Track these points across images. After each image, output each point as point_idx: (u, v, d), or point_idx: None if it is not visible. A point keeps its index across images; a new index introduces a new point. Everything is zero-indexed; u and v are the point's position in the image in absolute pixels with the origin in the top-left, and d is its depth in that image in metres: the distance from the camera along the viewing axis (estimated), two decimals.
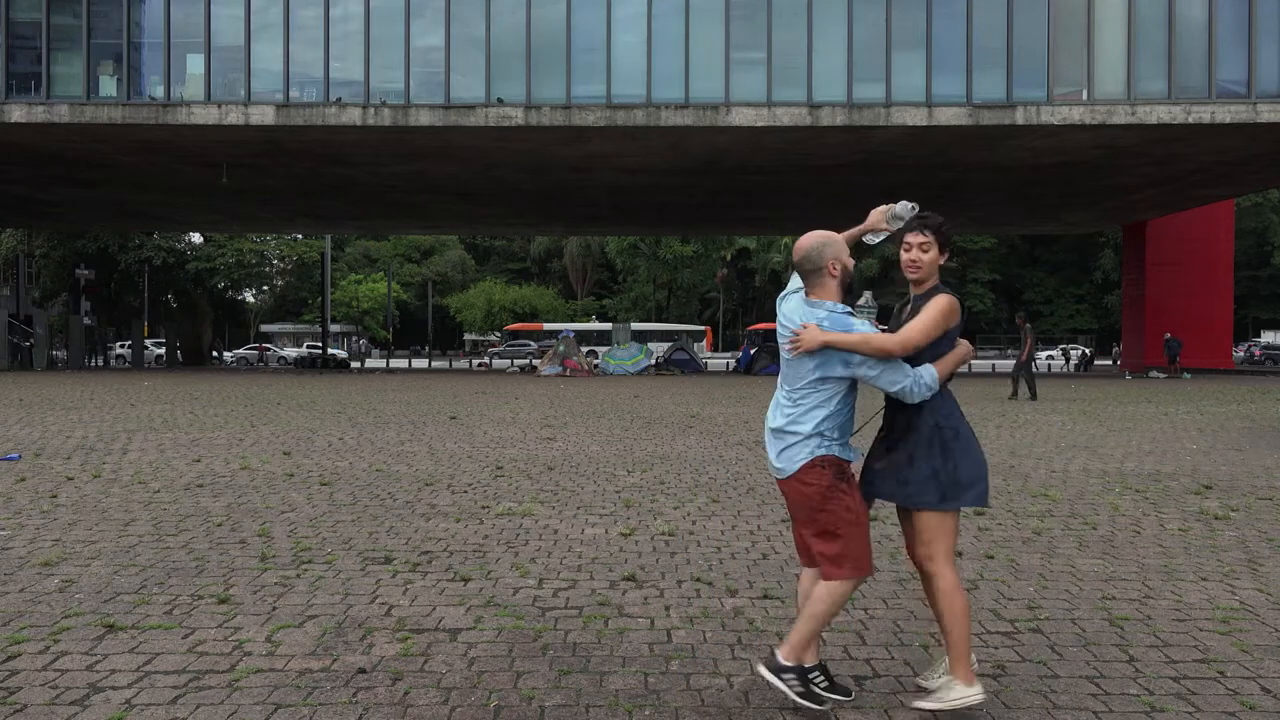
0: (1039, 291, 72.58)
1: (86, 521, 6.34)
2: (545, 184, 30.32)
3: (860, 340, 3.10)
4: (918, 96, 23.57)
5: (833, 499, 3.16)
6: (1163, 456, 10.21)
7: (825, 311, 3.19)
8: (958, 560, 5.30)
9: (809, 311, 3.22)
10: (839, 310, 3.20)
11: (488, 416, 14.98)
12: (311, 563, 5.24)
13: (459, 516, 6.60)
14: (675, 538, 5.93)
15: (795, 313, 3.26)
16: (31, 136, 24.81)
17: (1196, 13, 23.52)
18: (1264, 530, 6.28)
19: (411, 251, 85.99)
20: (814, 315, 3.19)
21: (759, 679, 3.37)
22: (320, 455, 9.92)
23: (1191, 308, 37.39)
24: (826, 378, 3.17)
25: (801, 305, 3.27)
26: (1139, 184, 29.96)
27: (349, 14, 24.48)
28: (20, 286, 39.39)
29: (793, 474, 3.20)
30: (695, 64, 23.97)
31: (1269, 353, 50.33)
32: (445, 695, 3.36)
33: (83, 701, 3.28)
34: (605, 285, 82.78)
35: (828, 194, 31.87)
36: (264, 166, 28.07)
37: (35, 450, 10.13)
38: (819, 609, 3.19)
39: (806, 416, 3.18)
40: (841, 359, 3.14)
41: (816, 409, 3.19)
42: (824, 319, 3.17)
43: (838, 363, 3.15)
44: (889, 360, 3.13)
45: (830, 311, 3.19)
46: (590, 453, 10.29)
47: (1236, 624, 4.23)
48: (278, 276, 69.67)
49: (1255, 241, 66.26)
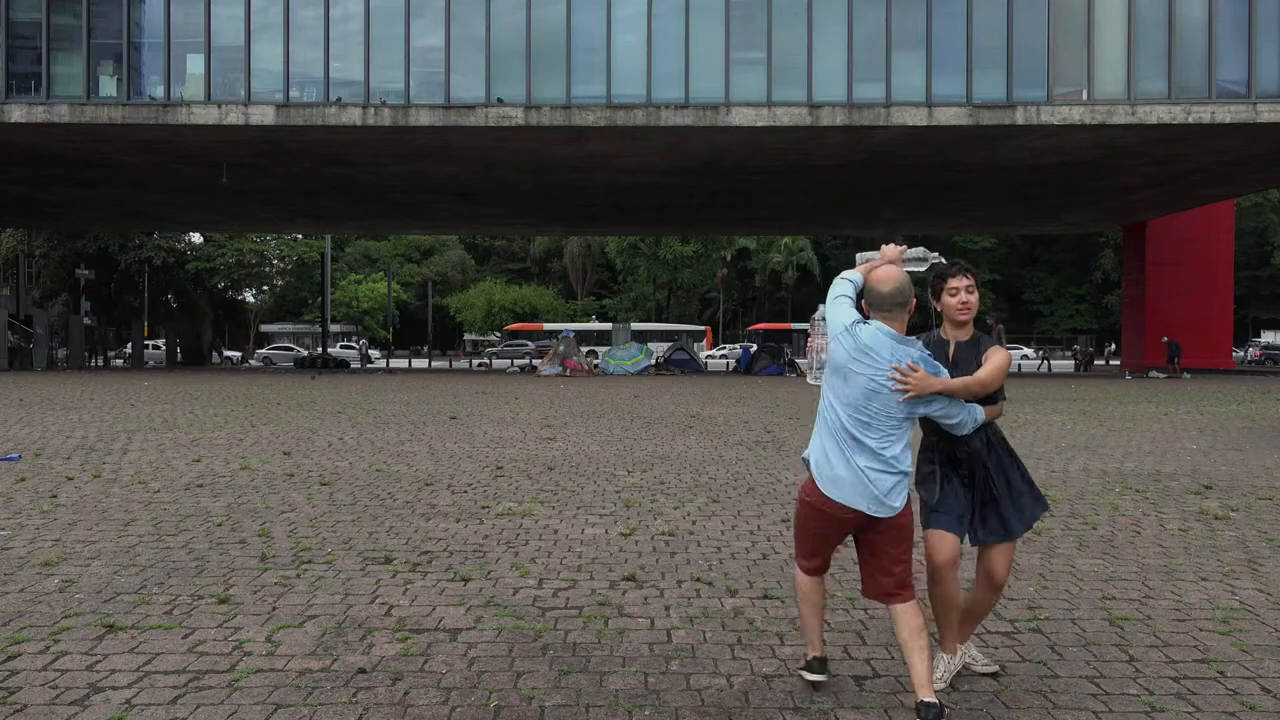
0: (1039, 291, 72.53)
1: (86, 521, 6.34)
2: (545, 184, 30.32)
3: (962, 386, 3.23)
4: (918, 96, 23.57)
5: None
6: (1163, 456, 10.21)
7: (919, 352, 3.20)
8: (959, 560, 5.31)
9: (901, 350, 3.15)
10: (927, 352, 3.25)
11: (488, 416, 14.98)
12: (311, 563, 5.24)
13: (459, 516, 6.60)
14: (675, 538, 5.93)
15: (883, 349, 3.14)
16: (31, 136, 24.81)
17: (1196, 13, 23.51)
18: (1264, 530, 6.28)
19: (411, 251, 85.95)
20: (910, 355, 3.16)
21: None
22: (320, 455, 9.92)
23: (1191, 308, 37.38)
24: (913, 415, 3.22)
25: (890, 342, 3.16)
26: (1139, 184, 29.97)
27: (349, 14, 24.48)
28: (20, 286, 39.40)
29: (902, 509, 3.19)
30: (695, 64, 23.97)
31: (1269, 353, 50.34)
32: (445, 695, 3.36)
33: (83, 701, 3.28)
34: (605, 285, 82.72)
35: (828, 194, 31.88)
36: (264, 166, 28.07)
37: (35, 450, 10.13)
38: (925, 639, 3.13)
39: (905, 453, 3.19)
40: (929, 398, 3.21)
41: (906, 444, 3.22)
42: (919, 359, 3.18)
43: (923, 402, 3.21)
44: (960, 401, 3.30)
45: (922, 352, 3.21)
46: (590, 453, 10.29)
47: (1236, 624, 4.23)
48: (278, 276, 69.65)
49: (1255, 241, 66.22)
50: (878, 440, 3.14)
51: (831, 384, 3.23)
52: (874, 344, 3.14)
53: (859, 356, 3.15)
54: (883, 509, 3.14)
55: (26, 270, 42.34)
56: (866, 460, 3.14)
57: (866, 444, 3.14)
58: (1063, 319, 71.54)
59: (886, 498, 3.14)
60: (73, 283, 44.94)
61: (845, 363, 3.17)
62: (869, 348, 3.14)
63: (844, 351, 3.18)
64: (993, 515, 3.47)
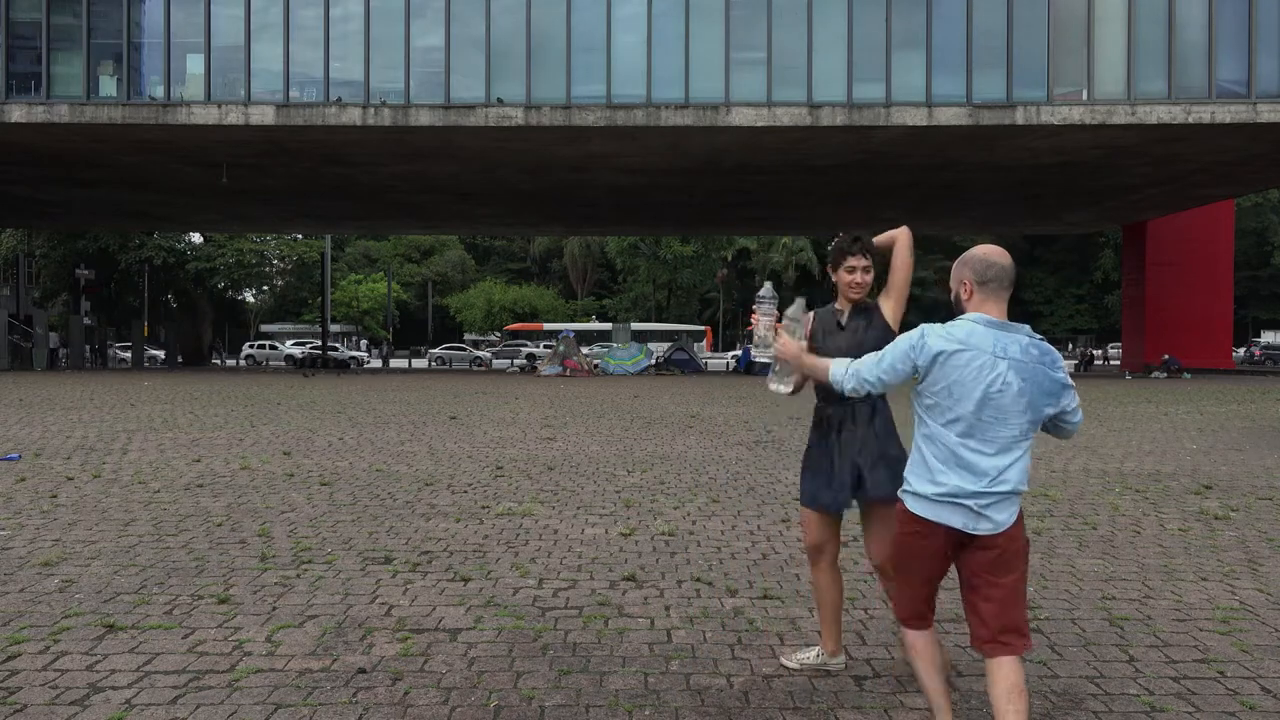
0: (1039, 291, 72.51)
1: (86, 521, 6.34)
2: (545, 184, 30.32)
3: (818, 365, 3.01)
4: (918, 96, 23.56)
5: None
6: (1163, 456, 10.21)
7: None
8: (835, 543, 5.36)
9: (1037, 341, 2.68)
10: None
11: (488, 416, 14.98)
12: (311, 563, 5.24)
13: (459, 516, 6.60)
14: (675, 538, 5.93)
15: (1027, 351, 2.64)
16: (31, 136, 24.80)
17: (1196, 13, 23.50)
18: (1264, 530, 6.28)
19: (411, 251, 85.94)
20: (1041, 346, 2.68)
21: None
22: (320, 455, 9.92)
23: (1191, 308, 37.37)
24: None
25: (1029, 341, 2.66)
26: (1139, 184, 29.96)
27: (349, 14, 24.48)
28: (20, 286, 39.39)
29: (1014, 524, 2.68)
30: (695, 64, 23.96)
31: (1269, 353, 50.34)
32: (445, 695, 3.36)
33: (83, 701, 3.28)
34: (605, 285, 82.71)
35: (828, 194, 31.87)
36: (264, 166, 28.07)
37: (35, 450, 10.13)
38: (1026, 699, 2.60)
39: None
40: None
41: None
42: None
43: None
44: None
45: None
46: (590, 453, 10.29)
47: (1236, 624, 4.23)
48: (278, 276, 69.66)
49: (1255, 241, 66.23)
50: (1019, 452, 2.69)
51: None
52: (1019, 353, 2.64)
53: (1039, 372, 2.65)
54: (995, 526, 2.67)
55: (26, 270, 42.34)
56: (998, 484, 2.67)
57: (1014, 457, 2.69)
58: (1063, 319, 71.53)
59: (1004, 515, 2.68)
60: (73, 283, 44.93)
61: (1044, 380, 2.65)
62: (1020, 362, 2.63)
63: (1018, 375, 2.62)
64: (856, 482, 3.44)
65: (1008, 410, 2.60)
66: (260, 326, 75.14)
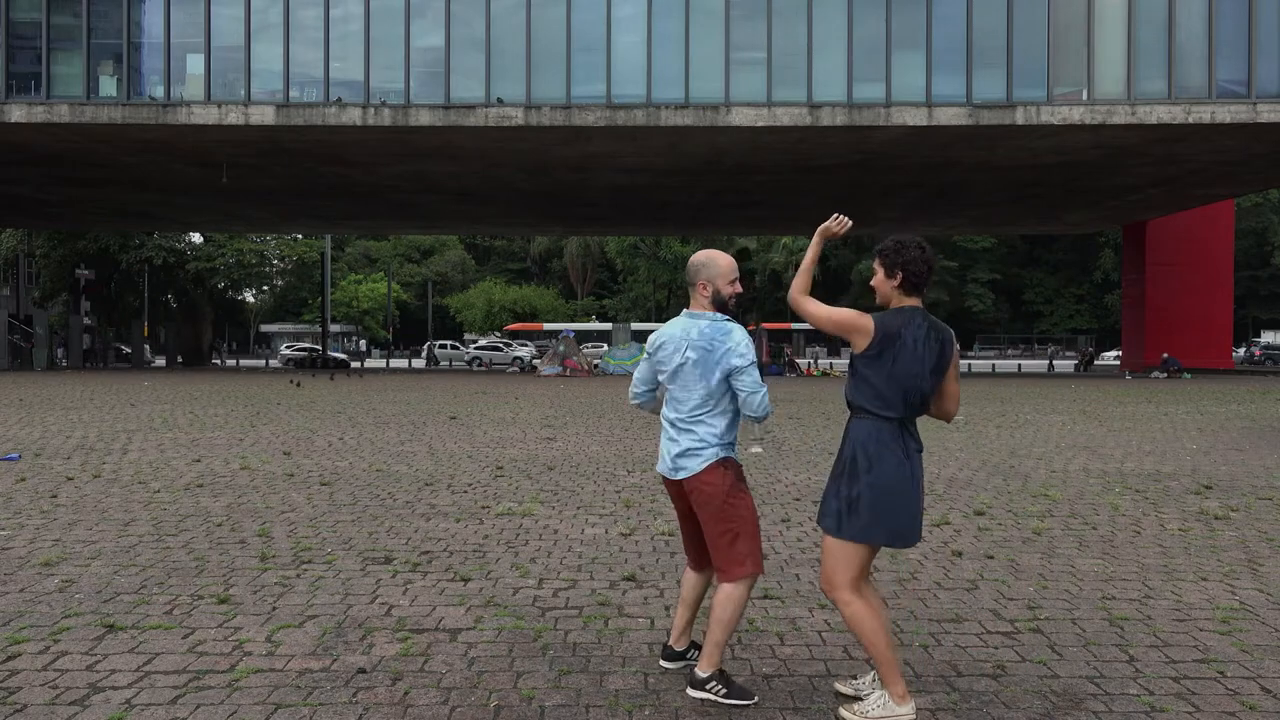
0: (1039, 291, 72.54)
1: (86, 521, 6.34)
2: (545, 184, 30.32)
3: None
4: (918, 96, 23.56)
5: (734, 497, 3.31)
6: (1163, 456, 10.21)
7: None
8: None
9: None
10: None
11: (488, 416, 14.98)
12: (311, 563, 5.24)
13: (459, 516, 6.60)
14: (675, 538, 5.92)
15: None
16: (31, 136, 24.81)
17: (1196, 13, 23.51)
18: (1264, 530, 6.28)
19: (411, 251, 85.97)
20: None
21: (690, 701, 3.31)
22: (320, 455, 9.92)
23: (1191, 308, 37.38)
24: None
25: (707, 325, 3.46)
26: (1139, 184, 29.97)
27: (349, 14, 24.48)
28: (20, 286, 39.43)
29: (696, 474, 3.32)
30: (695, 64, 23.96)
31: (1269, 353, 50.35)
32: (445, 695, 3.36)
33: (83, 701, 3.28)
34: (605, 285, 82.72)
35: (828, 194, 31.86)
36: (264, 166, 28.07)
37: (35, 450, 10.13)
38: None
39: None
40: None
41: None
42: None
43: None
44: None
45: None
46: (590, 453, 10.29)
47: (1236, 624, 4.23)
48: (278, 276, 69.65)
49: (1255, 241, 66.26)
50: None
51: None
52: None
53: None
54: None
55: (26, 270, 42.35)
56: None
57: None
58: (1063, 319, 71.57)
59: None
60: (73, 283, 44.92)
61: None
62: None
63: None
64: None
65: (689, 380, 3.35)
66: (260, 327, 75.13)
